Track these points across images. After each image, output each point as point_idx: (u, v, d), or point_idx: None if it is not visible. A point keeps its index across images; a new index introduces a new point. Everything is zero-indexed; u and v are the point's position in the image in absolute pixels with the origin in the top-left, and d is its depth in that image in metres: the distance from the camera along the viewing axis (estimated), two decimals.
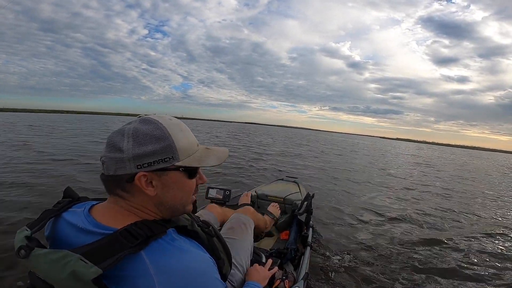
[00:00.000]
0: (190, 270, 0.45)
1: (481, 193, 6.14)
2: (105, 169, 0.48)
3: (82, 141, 9.09)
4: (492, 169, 14.00)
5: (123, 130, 0.48)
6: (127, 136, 0.47)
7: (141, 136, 0.47)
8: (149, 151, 0.47)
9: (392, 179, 6.76)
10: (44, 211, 0.52)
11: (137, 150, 0.46)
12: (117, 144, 0.47)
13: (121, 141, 0.47)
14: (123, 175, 0.47)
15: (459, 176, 9.08)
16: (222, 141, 14.10)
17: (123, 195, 0.49)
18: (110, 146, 0.47)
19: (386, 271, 2.16)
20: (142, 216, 0.50)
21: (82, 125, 19.68)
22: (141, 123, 0.49)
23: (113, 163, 0.47)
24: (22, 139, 8.43)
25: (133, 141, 0.46)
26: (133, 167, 0.46)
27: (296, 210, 1.91)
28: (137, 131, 0.47)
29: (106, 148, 0.48)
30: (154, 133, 0.48)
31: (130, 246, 0.42)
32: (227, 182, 4.61)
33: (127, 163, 0.46)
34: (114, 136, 0.48)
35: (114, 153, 0.46)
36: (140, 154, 0.46)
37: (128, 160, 0.46)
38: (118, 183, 0.48)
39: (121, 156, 0.46)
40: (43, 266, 0.41)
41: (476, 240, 2.99)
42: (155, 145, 0.47)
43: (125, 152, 0.46)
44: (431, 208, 4.20)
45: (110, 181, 0.49)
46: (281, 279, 1.18)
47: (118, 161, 0.46)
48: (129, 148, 0.46)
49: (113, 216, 0.49)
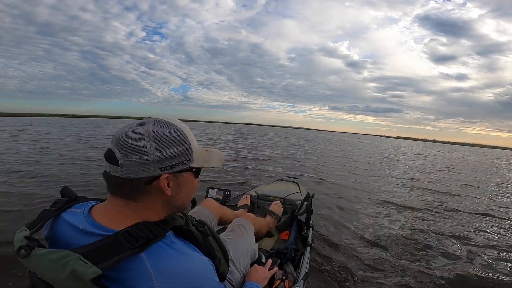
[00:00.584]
0: (189, 273, 0.45)
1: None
2: (123, 172, 0.46)
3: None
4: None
5: (141, 132, 0.47)
6: (149, 138, 0.47)
7: (164, 139, 0.48)
8: (172, 154, 0.49)
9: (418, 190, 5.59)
10: (43, 211, 0.52)
11: (162, 153, 0.47)
12: (140, 147, 0.46)
13: (144, 143, 0.46)
14: (143, 178, 0.47)
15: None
16: (212, 144, 12.78)
17: (137, 197, 0.49)
18: (130, 149, 0.46)
19: (386, 271, 2.15)
20: (145, 217, 0.49)
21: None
22: (159, 126, 0.49)
23: (135, 166, 0.46)
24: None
25: (155, 144, 0.47)
26: (157, 170, 0.47)
27: (296, 210, 1.91)
28: (159, 134, 0.48)
29: (122, 150, 0.46)
30: (175, 136, 0.50)
31: (131, 248, 0.42)
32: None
33: (151, 165, 0.47)
34: (132, 138, 0.47)
35: (137, 156, 0.46)
36: (165, 157, 0.48)
37: (153, 162, 0.47)
38: (135, 185, 0.48)
39: (146, 159, 0.46)
40: (43, 266, 0.41)
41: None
42: (177, 148, 0.49)
43: (150, 155, 0.46)
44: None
45: (126, 184, 0.47)
46: (281, 279, 1.18)
47: (142, 164, 0.46)
48: (154, 151, 0.47)
49: (115, 218, 0.48)
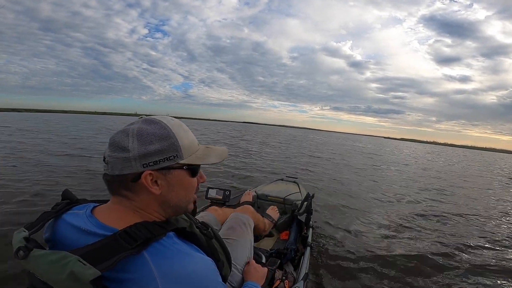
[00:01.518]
0: (193, 274, 0.45)
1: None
2: (110, 169, 0.48)
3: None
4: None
5: (127, 130, 0.49)
6: (132, 135, 0.48)
7: (146, 135, 0.48)
8: (154, 149, 0.48)
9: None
10: (43, 213, 0.51)
11: (143, 149, 0.47)
12: (122, 144, 0.47)
13: (126, 140, 0.47)
14: (128, 175, 0.48)
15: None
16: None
17: (127, 195, 0.49)
18: (115, 146, 0.48)
19: (386, 271, 2.15)
20: (145, 217, 0.50)
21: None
22: (145, 123, 0.50)
23: (119, 163, 0.47)
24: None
25: (138, 140, 0.47)
26: (139, 166, 0.47)
27: (296, 210, 1.90)
28: (141, 131, 0.48)
29: (110, 148, 0.48)
30: (158, 132, 0.49)
31: (129, 248, 0.42)
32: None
33: (133, 162, 0.47)
34: (118, 136, 0.49)
35: (119, 152, 0.47)
36: (146, 153, 0.47)
37: (134, 159, 0.47)
38: (123, 183, 0.49)
39: (127, 156, 0.47)
40: (42, 267, 0.41)
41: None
42: (160, 144, 0.49)
43: (131, 152, 0.47)
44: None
45: (115, 181, 0.49)
46: (281, 279, 1.18)
47: (124, 161, 0.47)
48: (135, 147, 0.47)
49: (117, 216, 0.49)
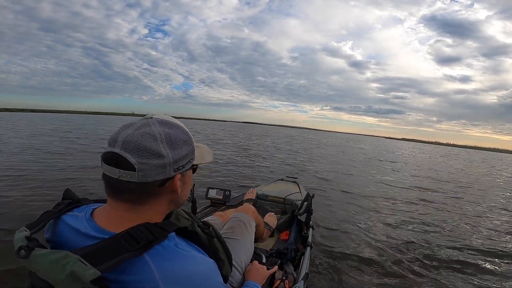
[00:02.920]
0: (194, 275, 0.45)
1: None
2: (140, 177, 0.45)
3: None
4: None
5: (152, 134, 0.47)
6: (161, 141, 0.47)
7: (175, 140, 0.49)
8: (184, 154, 0.50)
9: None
10: (44, 212, 0.51)
11: (175, 154, 0.48)
12: (156, 150, 0.46)
13: (158, 146, 0.46)
14: (157, 181, 0.47)
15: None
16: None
17: (146, 200, 0.48)
18: (146, 152, 0.45)
19: (386, 271, 2.16)
20: (147, 218, 0.49)
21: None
22: (166, 127, 0.49)
23: (153, 169, 0.46)
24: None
25: (168, 145, 0.48)
26: (172, 171, 0.48)
27: (296, 210, 1.90)
28: (169, 136, 0.48)
29: (137, 154, 0.45)
30: (184, 137, 0.51)
31: (131, 249, 0.42)
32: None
33: (167, 168, 0.47)
34: (146, 142, 0.46)
35: (153, 159, 0.46)
36: (178, 158, 0.49)
37: (169, 165, 0.48)
38: (150, 189, 0.47)
39: (163, 162, 0.47)
40: (43, 266, 0.41)
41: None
42: (187, 149, 0.51)
43: (165, 158, 0.47)
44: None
45: (140, 189, 0.47)
46: (281, 279, 1.18)
47: (160, 167, 0.46)
48: (168, 153, 0.47)
49: (117, 221, 0.47)
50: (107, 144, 0.48)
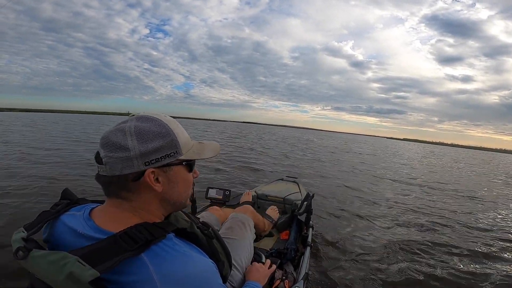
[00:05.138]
0: (193, 276, 0.45)
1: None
2: (108, 170, 0.46)
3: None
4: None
5: (122, 129, 0.47)
6: (130, 134, 0.46)
7: (145, 133, 0.47)
8: (155, 147, 0.47)
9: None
10: (42, 212, 0.51)
11: (144, 147, 0.46)
12: (121, 143, 0.46)
13: (124, 139, 0.46)
14: (129, 174, 0.46)
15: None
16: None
17: (127, 196, 0.48)
18: (111, 146, 0.46)
19: (386, 271, 2.15)
20: (144, 217, 0.49)
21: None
22: (140, 121, 0.49)
23: (118, 163, 0.45)
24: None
25: (137, 138, 0.46)
26: (141, 165, 0.47)
27: (296, 210, 1.90)
28: (139, 129, 0.47)
29: (105, 148, 0.46)
30: (157, 129, 0.48)
31: (130, 249, 0.41)
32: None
33: (134, 161, 0.46)
34: (113, 135, 0.47)
35: (118, 152, 0.45)
36: (147, 151, 0.47)
37: (136, 158, 0.46)
38: (123, 183, 0.47)
39: (127, 155, 0.46)
40: (42, 268, 0.41)
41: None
42: (160, 141, 0.48)
43: (131, 150, 0.46)
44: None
45: (113, 183, 0.47)
46: (281, 279, 1.18)
47: (125, 160, 0.46)
48: (135, 145, 0.46)
49: (115, 220, 0.48)
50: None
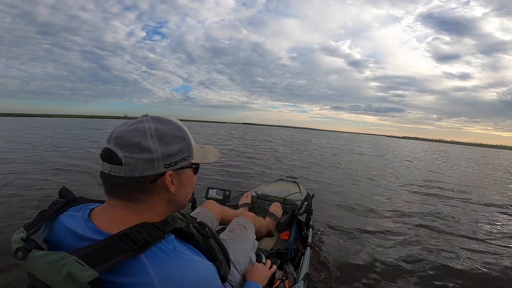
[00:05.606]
0: (193, 278, 0.45)
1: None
2: (128, 171, 0.45)
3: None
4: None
5: (142, 130, 0.47)
6: (151, 135, 0.47)
7: (166, 135, 0.48)
8: (175, 150, 0.49)
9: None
10: (40, 212, 0.51)
11: (165, 150, 0.47)
12: (144, 144, 0.46)
13: (146, 140, 0.46)
14: (148, 176, 0.47)
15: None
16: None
17: (139, 198, 0.48)
18: (133, 146, 0.45)
19: (386, 271, 2.15)
20: (146, 218, 0.48)
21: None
22: (158, 123, 0.49)
23: (140, 164, 0.45)
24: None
25: (158, 140, 0.47)
26: (162, 167, 0.47)
27: (296, 211, 1.90)
28: (160, 131, 0.48)
29: (124, 149, 0.45)
30: (175, 133, 0.50)
31: (128, 250, 0.41)
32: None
33: (156, 163, 0.47)
34: (133, 136, 0.46)
35: (141, 153, 0.45)
36: (169, 153, 0.48)
37: (158, 160, 0.47)
38: (140, 185, 0.47)
39: (150, 156, 0.46)
40: (41, 268, 0.41)
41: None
42: (179, 144, 0.50)
43: (154, 152, 0.46)
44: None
45: (129, 184, 0.46)
46: (281, 279, 1.18)
47: (147, 162, 0.46)
48: (157, 147, 0.46)
49: (117, 221, 0.47)
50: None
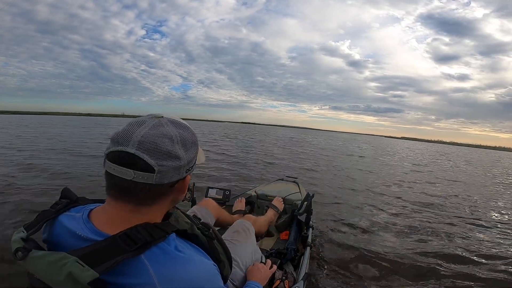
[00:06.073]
0: (194, 279, 0.44)
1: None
2: (158, 178, 0.44)
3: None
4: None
5: (168, 136, 0.46)
6: (177, 142, 0.47)
7: (187, 142, 0.49)
8: (193, 155, 0.51)
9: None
10: (41, 212, 0.51)
11: (188, 156, 0.49)
12: (174, 152, 0.46)
13: (174, 148, 0.46)
14: (170, 182, 0.47)
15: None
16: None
17: (154, 201, 0.48)
18: (164, 154, 0.44)
19: (386, 272, 2.15)
20: (147, 219, 0.48)
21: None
22: (179, 128, 0.49)
23: (171, 171, 0.46)
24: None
25: (182, 147, 0.48)
26: (184, 172, 0.49)
27: (296, 210, 1.90)
28: (183, 137, 0.48)
29: (155, 156, 0.44)
30: (193, 139, 0.51)
31: (128, 250, 0.41)
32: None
33: (182, 169, 0.48)
34: (164, 143, 0.45)
35: (172, 161, 0.45)
36: (190, 159, 0.50)
37: (184, 166, 0.48)
38: (162, 189, 0.47)
39: (179, 164, 0.47)
40: (41, 268, 0.40)
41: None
42: (195, 150, 0.52)
43: (182, 160, 0.47)
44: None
45: (153, 190, 0.46)
46: (281, 279, 1.18)
47: (176, 169, 0.47)
48: (183, 154, 0.47)
49: (118, 223, 0.46)
50: (111, 142, 0.45)
